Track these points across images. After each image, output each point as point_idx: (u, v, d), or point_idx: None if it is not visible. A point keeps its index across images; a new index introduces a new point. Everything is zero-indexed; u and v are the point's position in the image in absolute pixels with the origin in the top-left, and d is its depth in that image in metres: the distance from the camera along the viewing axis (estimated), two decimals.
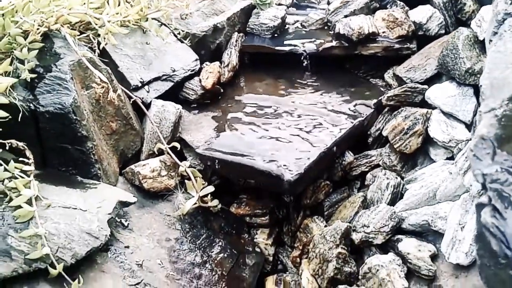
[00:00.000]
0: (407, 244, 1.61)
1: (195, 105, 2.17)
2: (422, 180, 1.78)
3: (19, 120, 1.62)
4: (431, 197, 1.70)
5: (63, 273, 1.48)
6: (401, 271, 1.57)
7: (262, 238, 1.95)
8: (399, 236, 1.66)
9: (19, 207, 1.51)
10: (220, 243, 1.87)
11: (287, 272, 1.90)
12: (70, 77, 1.70)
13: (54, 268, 1.47)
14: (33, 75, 1.69)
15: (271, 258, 1.93)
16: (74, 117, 1.67)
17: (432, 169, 1.79)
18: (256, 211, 1.97)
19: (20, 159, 1.60)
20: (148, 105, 1.99)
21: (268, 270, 1.93)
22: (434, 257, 1.56)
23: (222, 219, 1.95)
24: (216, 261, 1.81)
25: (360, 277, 1.63)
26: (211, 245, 1.85)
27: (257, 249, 1.91)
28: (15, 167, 1.57)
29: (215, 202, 1.91)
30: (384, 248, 1.68)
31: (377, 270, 1.57)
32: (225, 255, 1.84)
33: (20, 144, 1.62)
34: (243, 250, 1.89)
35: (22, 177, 1.57)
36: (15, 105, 1.63)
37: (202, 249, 1.82)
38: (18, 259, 1.45)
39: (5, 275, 1.44)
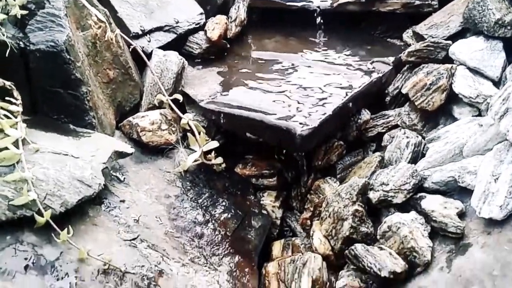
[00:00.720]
0: (431, 201, 1.46)
1: (199, 60, 2.02)
2: (447, 138, 1.63)
3: (7, 59, 1.48)
4: (456, 154, 1.56)
5: (51, 221, 1.33)
6: (424, 230, 1.42)
7: (269, 200, 1.80)
8: (422, 194, 1.51)
9: (5, 149, 1.37)
10: (223, 203, 1.72)
11: (296, 237, 1.75)
12: (64, 14, 1.55)
13: (41, 216, 1.33)
14: (24, 12, 1.54)
15: (278, 222, 1.78)
16: (68, 57, 1.52)
17: (457, 126, 1.65)
18: (263, 171, 1.82)
19: (7, 99, 1.46)
20: (149, 55, 1.84)
21: (275, 235, 1.78)
22: (461, 215, 1.41)
23: (227, 179, 1.80)
24: (219, 221, 1.66)
25: (378, 237, 1.48)
26: (214, 204, 1.70)
27: (264, 212, 1.76)
28: (1, 107, 1.43)
29: (219, 159, 1.76)
30: (405, 208, 1.53)
31: (398, 227, 1.42)
32: (229, 215, 1.70)
33: (8, 83, 1.48)
34: (249, 212, 1.74)
35: (9, 118, 1.43)
36: (4, 42, 1.49)
37: (204, 208, 1.68)
38: (1, 205, 1.30)
39: None
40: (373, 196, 1.56)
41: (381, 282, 1.41)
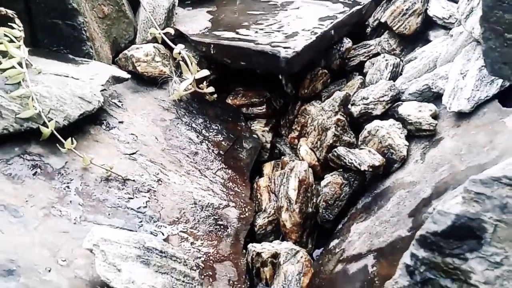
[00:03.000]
0: (407, 107, 1.57)
1: (189, 2, 2.13)
2: (423, 56, 1.74)
3: None
4: (431, 68, 1.67)
5: (55, 132, 1.45)
6: (401, 133, 1.54)
7: (259, 126, 1.91)
8: (399, 102, 1.63)
9: (10, 68, 1.48)
10: (216, 128, 1.83)
11: (285, 157, 1.86)
12: None
13: (46, 127, 1.44)
14: None
15: (268, 146, 1.89)
16: None
17: (432, 45, 1.76)
18: (253, 100, 1.93)
19: (10, 24, 1.57)
20: None
21: (266, 158, 1.89)
22: (435, 117, 1.53)
23: (219, 108, 1.92)
24: (212, 141, 1.78)
25: (359, 143, 1.59)
26: (207, 128, 1.82)
27: (254, 136, 1.88)
28: (4, 33, 1.54)
29: (211, 89, 1.87)
30: (384, 119, 1.64)
31: (377, 130, 1.54)
32: (222, 137, 1.81)
33: (10, 11, 1.58)
34: (240, 136, 1.85)
35: (12, 41, 1.54)
36: None
37: (198, 131, 1.79)
38: (8, 118, 1.41)
39: None
40: (355, 110, 1.67)
41: (361, 177, 1.53)
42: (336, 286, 1.28)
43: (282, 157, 1.84)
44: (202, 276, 1.34)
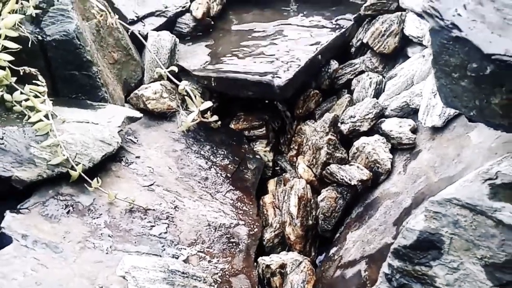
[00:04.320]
0: (389, 123, 1.77)
1: (189, 38, 2.34)
2: (402, 73, 1.93)
3: (29, 51, 1.80)
4: (409, 84, 1.87)
5: (83, 174, 1.67)
6: (385, 147, 1.74)
7: (261, 147, 2.12)
8: (383, 119, 1.82)
9: (38, 121, 1.70)
10: (222, 153, 2.04)
11: (286, 173, 2.07)
12: (71, 8, 1.87)
13: (75, 170, 1.66)
14: (38, 11, 1.86)
15: (270, 164, 2.10)
16: (78, 43, 1.84)
17: (410, 62, 1.95)
18: (253, 123, 2.13)
19: (34, 82, 1.78)
20: (145, 37, 2.15)
21: (269, 175, 2.10)
22: (414, 131, 1.72)
23: (223, 134, 2.12)
24: (220, 166, 1.98)
25: (350, 158, 1.79)
26: (214, 154, 2.02)
27: (257, 156, 2.08)
28: (30, 90, 1.75)
29: (215, 117, 2.07)
30: (370, 134, 1.83)
31: (364, 146, 1.74)
32: (228, 161, 2.02)
33: (33, 70, 1.79)
34: (244, 157, 2.06)
35: (37, 96, 1.75)
36: (25, 38, 1.79)
37: (207, 157, 1.99)
38: (41, 165, 1.63)
39: (31, 179, 1.62)
40: (344, 128, 1.87)
41: (353, 190, 1.74)
42: None
43: (284, 173, 2.04)
44: None
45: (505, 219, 0.95)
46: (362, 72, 2.14)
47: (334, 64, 2.15)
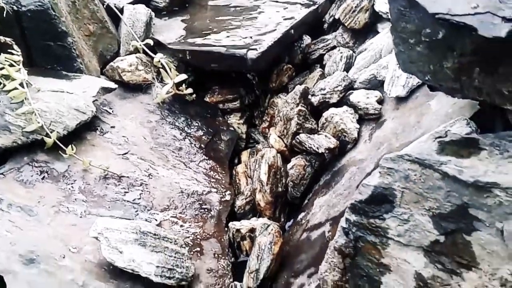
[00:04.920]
0: (357, 95, 1.83)
1: (165, 12, 2.37)
2: (371, 48, 1.99)
3: (4, 21, 1.82)
4: (377, 58, 1.92)
5: (57, 141, 1.70)
6: (353, 117, 1.80)
7: (235, 120, 2.16)
8: (351, 91, 1.88)
9: (13, 89, 1.73)
10: (197, 124, 2.08)
11: (259, 145, 2.12)
12: None
13: (49, 137, 1.69)
14: None
15: (244, 136, 2.15)
16: (54, 13, 1.87)
17: (379, 37, 2.01)
18: (227, 97, 2.18)
19: (9, 51, 1.81)
20: (121, 10, 2.18)
21: (242, 147, 2.15)
22: (380, 102, 1.78)
23: (198, 106, 2.16)
24: (194, 137, 2.03)
25: (319, 129, 1.85)
26: (189, 125, 2.07)
27: (231, 128, 2.13)
28: (5, 59, 1.78)
29: (190, 90, 2.11)
30: (339, 106, 1.89)
31: (332, 117, 1.80)
32: (202, 132, 2.06)
33: (8, 39, 1.82)
34: (219, 129, 2.10)
35: (13, 65, 1.78)
36: (0, 8, 1.82)
37: (181, 128, 2.04)
38: (16, 132, 1.66)
39: (6, 145, 1.65)
40: (314, 100, 1.93)
41: (321, 158, 1.80)
42: (302, 251, 1.54)
43: (257, 145, 2.10)
44: (191, 252, 1.61)
45: (450, 171, 1.01)
46: (334, 47, 2.19)
47: (307, 39, 2.21)
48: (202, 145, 2.01)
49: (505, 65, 1.05)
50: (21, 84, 1.73)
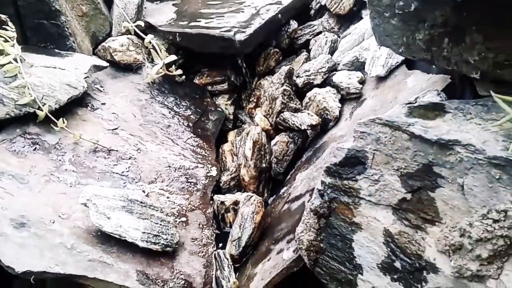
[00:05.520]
0: (339, 75, 1.90)
1: None
2: (355, 32, 2.06)
3: (0, 1, 1.88)
4: (360, 41, 1.99)
5: (49, 114, 1.76)
6: (335, 97, 1.86)
7: (222, 101, 2.23)
8: (334, 72, 1.95)
9: (7, 64, 1.78)
10: (185, 104, 2.15)
11: (245, 125, 2.19)
12: None
13: (41, 110, 1.75)
14: None
15: (231, 117, 2.22)
16: None
17: (362, 22, 2.08)
18: (216, 79, 2.25)
19: (3, 27, 1.86)
20: None
21: (229, 127, 2.21)
22: (361, 82, 1.85)
23: (187, 87, 2.23)
24: (183, 116, 2.09)
25: (302, 108, 1.92)
26: (178, 105, 2.13)
27: (219, 109, 2.20)
28: (0, 34, 1.83)
29: (179, 71, 2.18)
30: (323, 87, 1.96)
31: (315, 96, 1.86)
32: (190, 112, 2.13)
33: (3, 16, 1.88)
34: (207, 110, 2.17)
35: (7, 41, 1.83)
36: None
37: (170, 108, 2.10)
38: (9, 105, 1.72)
39: None
40: (299, 81, 1.99)
41: (304, 135, 1.86)
42: (282, 221, 1.61)
43: (243, 125, 2.16)
44: (177, 222, 1.67)
45: (417, 131, 1.08)
46: (320, 33, 2.26)
47: (293, 24, 2.28)
48: (190, 124, 2.07)
49: (470, 35, 1.12)
50: (15, 59, 1.79)
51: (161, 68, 2.10)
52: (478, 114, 1.08)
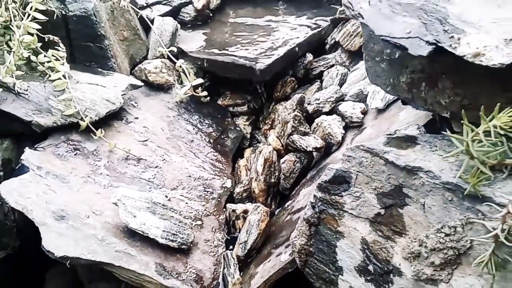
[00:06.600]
0: (345, 105, 2.14)
1: (190, 26, 2.73)
2: (362, 67, 2.30)
3: (53, 22, 2.17)
4: (366, 76, 2.23)
5: (90, 125, 2.04)
6: (340, 124, 2.11)
7: (242, 121, 2.49)
8: (341, 102, 2.19)
9: (57, 80, 2.07)
10: (208, 122, 2.41)
11: (260, 144, 2.44)
12: None
13: (83, 121, 2.03)
14: None
15: (248, 136, 2.47)
16: (95, 19, 2.22)
17: None
18: (237, 101, 2.51)
19: (55, 48, 2.16)
20: (152, 21, 2.54)
21: (246, 145, 2.47)
22: (364, 113, 2.09)
23: (211, 107, 2.49)
24: (205, 132, 2.36)
25: (311, 132, 2.16)
26: (201, 122, 2.39)
27: (238, 128, 2.45)
28: (52, 54, 2.13)
29: (205, 93, 2.45)
30: (330, 114, 2.20)
31: (322, 122, 2.11)
32: (212, 130, 2.39)
33: (56, 38, 2.17)
34: (226, 128, 2.43)
35: (58, 60, 2.13)
36: (51, 12, 2.17)
37: (194, 124, 2.37)
38: (56, 115, 2.00)
39: (47, 125, 1.98)
40: (310, 108, 2.24)
41: (310, 156, 2.11)
42: (284, 229, 1.85)
43: (258, 144, 2.41)
44: (193, 225, 1.92)
45: (390, 158, 1.30)
46: (332, 66, 2.51)
47: (309, 57, 2.53)
48: (211, 140, 2.34)
49: (442, 82, 1.36)
50: (63, 76, 2.07)
51: (188, 89, 2.37)
52: (442, 147, 1.31)
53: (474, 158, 1.15)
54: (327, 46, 2.61)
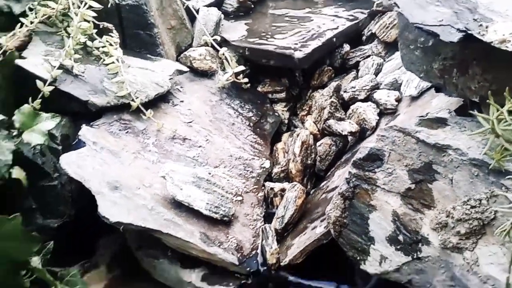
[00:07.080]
0: (380, 93, 2.25)
1: (232, 16, 2.87)
2: (397, 58, 2.40)
3: (108, 12, 2.32)
4: (401, 66, 2.32)
5: (140, 106, 2.19)
6: (374, 111, 2.21)
7: (280, 107, 2.61)
8: (376, 90, 2.30)
9: (111, 63, 2.24)
10: (248, 107, 2.55)
11: (297, 129, 2.56)
12: None
13: (134, 102, 2.19)
14: None
15: (286, 121, 2.59)
16: (146, 8, 2.38)
17: None
18: (276, 88, 2.64)
19: (109, 34, 2.33)
20: (197, 11, 2.68)
21: (284, 130, 2.59)
22: (398, 100, 2.19)
23: (251, 94, 2.63)
24: (245, 117, 2.50)
25: (346, 118, 2.27)
26: (242, 107, 2.53)
27: (276, 114, 2.58)
28: (106, 40, 2.29)
29: (246, 80, 2.58)
30: (365, 102, 2.31)
31: (357, 109, 2.22)
32: (252, 114, 2.53)
33: (109, 25, 2.33)
34: (266, 113, 2.56)
35: (112, 45, 2.30)
36: (106, 1, 2.33)
37: (235, 109, 2.51)
38: (110, 96, 2.16)
39: (102, 104, 2.14)
40: (346, 95, 2.35)
41: (345, 140, 2.23)
42: (319, 206, 1.97)
43: (296, 129, 2.54)
44: (234, 200, 2.06)
45: (421, 137, 1.42)
46: (368, 56, 2.61)
47: (346, 47, 2.64)
48: (251, 124, 2.47)
49: (472, 68, 1.46)
50: (117, 60, 2.23)
51: (230, 76, 2.51)
52: (470, 127, 1.41)
53: (499, 136, 1.26)
54: (364, 38, 2.71)
